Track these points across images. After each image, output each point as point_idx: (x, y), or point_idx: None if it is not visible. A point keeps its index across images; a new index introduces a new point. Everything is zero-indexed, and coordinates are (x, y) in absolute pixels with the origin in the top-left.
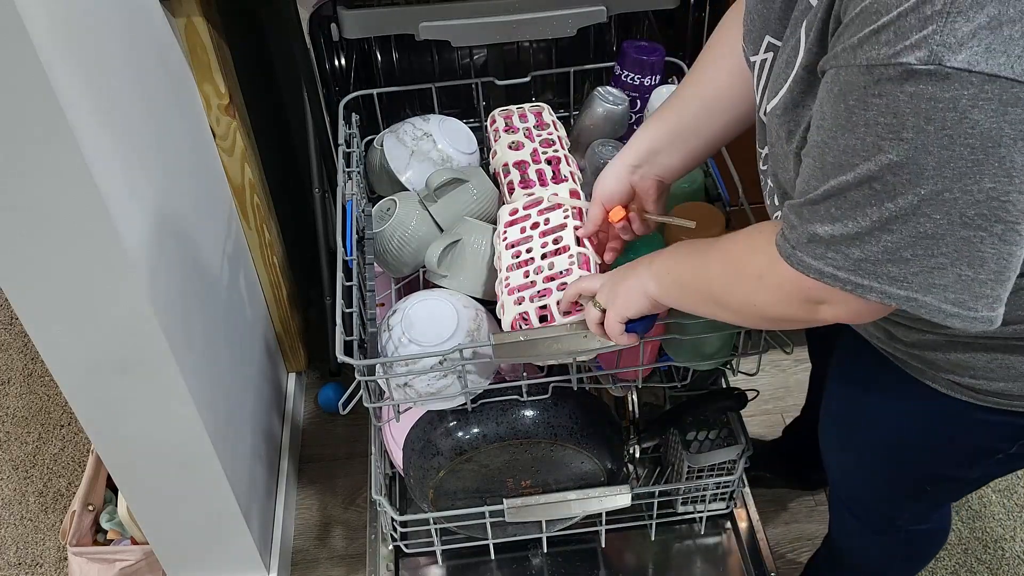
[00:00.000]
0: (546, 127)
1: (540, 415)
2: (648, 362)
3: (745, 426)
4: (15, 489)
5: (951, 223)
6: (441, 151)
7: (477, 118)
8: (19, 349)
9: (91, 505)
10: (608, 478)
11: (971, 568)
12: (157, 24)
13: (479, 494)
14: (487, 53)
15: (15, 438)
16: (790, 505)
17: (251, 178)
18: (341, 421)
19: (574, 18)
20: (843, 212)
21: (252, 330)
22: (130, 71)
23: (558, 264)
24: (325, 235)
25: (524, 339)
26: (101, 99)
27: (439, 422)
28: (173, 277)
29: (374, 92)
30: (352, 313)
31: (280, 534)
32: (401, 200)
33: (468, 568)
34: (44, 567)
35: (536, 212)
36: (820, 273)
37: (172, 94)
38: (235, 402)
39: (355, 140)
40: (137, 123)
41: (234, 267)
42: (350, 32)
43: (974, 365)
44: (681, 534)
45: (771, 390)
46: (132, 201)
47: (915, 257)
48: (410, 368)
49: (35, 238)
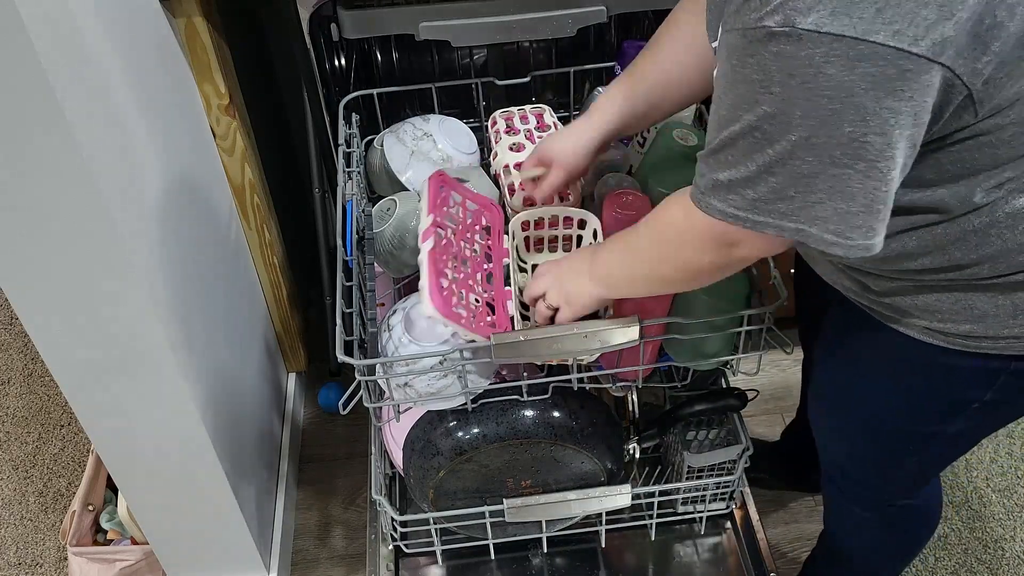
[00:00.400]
0: (547, 129)
1: (540, 415)
2: (648, 362)
3: (745, 426)
4: (15, 489)
5: (822, 163)
6: (441, 151)
7: (477, 118)
8: (19, 349)
9: (91, 505)
10: (608, 478)
11: (971, 568)
12: (157, 24)
13: (479, 494)
14: (487, 53)
15: (15, 438)
16: (790, 505)
17: (251, 178)
18: (341, 421)
19: (574, 18)
20: (736, 159)
21: (252, 330)
22: (130, 71)
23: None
24: (325, 235)
25: (524, 339)
26: (101, 99)
27: (439, 422)
28: (173, 277)
29: (374, 92)
30: (352, 313)
31: (280, 534)
32: (401, 200)
33: (468, 568)
34: (44, 567)
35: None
36: (725, 214)
37: (172, 94)
38: (235, 402)
39: (355, 140)
40: (136, 123)
41: (234, 267)
42: (350, 32)
43: (941, 308)
44: (681, 534)
45: (771, 390)
46: (132, 201)
47: (797, 194)
48: (410, 368)
49: (35, 238)
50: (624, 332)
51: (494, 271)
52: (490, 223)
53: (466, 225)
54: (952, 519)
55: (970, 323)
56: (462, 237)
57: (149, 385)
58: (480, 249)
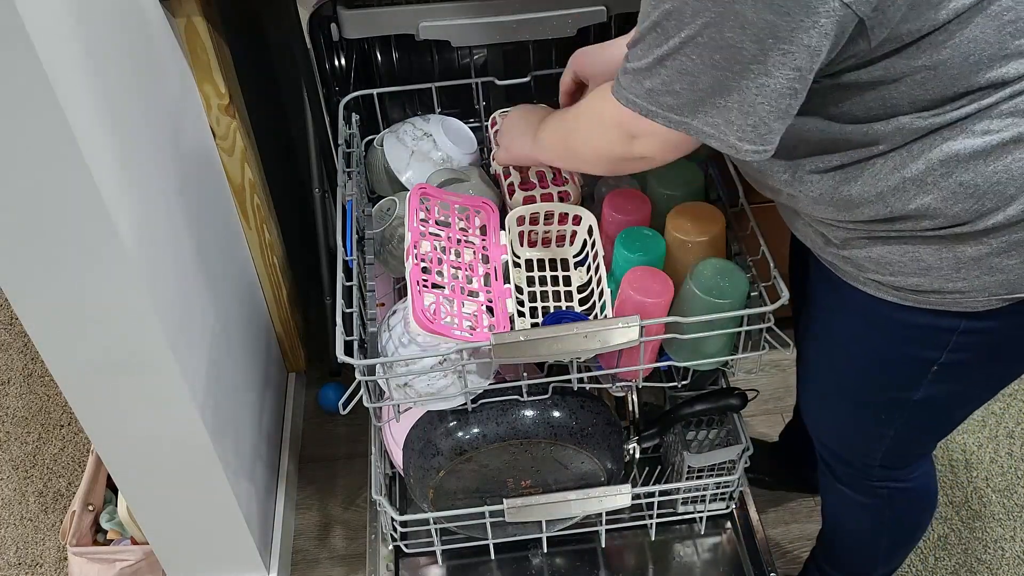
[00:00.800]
0: None
1: (540, 415)
2: (648, 362)
3: (745, 426)
4: (15, 489)
5: (704, 64)
6: (441, 151)
7: (477, 118)
8: (19, 349)
9: (91, 505)
10: (608, 478)
11: (971, 568)
12: (157, 24)
13: (479, 494)
14: (487, 53)
15: (15, 438)
16: (790, 505)
17: (251, 178)
18: (341, 421)
19: (574, 18)
20: (643, 51)
21: (252, 330)
22: (130, 71)
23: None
24: (325, 235)
25: (524, 339)
26: (101, 99)
27: (439, 422)
28: (173, 277)
29: (374, 92)
30: (352, 313)
31: (280, 534)
32: (401, 200)
33: (468, 568)
34: (44, 567)
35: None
36: (626, 99)
37: (172, 94)
38: (235, 402)
39: (355, 140)
40: (137, 123)
41: (234, 267)
42: (350, 32)
43: (891, 260)
44: (681, 534)
45: (771, 390)
46: (132, 201)
47: (683, 90)
48: (410, 368)
49: (35, 238)
50: (624, 332)
51: (491, 270)
52: (484, 222)
53: (459, 230)
54: (952, 519)
55: (917, 276)
56: (454, 243)
57: (149, 385)
58: (476, 251)
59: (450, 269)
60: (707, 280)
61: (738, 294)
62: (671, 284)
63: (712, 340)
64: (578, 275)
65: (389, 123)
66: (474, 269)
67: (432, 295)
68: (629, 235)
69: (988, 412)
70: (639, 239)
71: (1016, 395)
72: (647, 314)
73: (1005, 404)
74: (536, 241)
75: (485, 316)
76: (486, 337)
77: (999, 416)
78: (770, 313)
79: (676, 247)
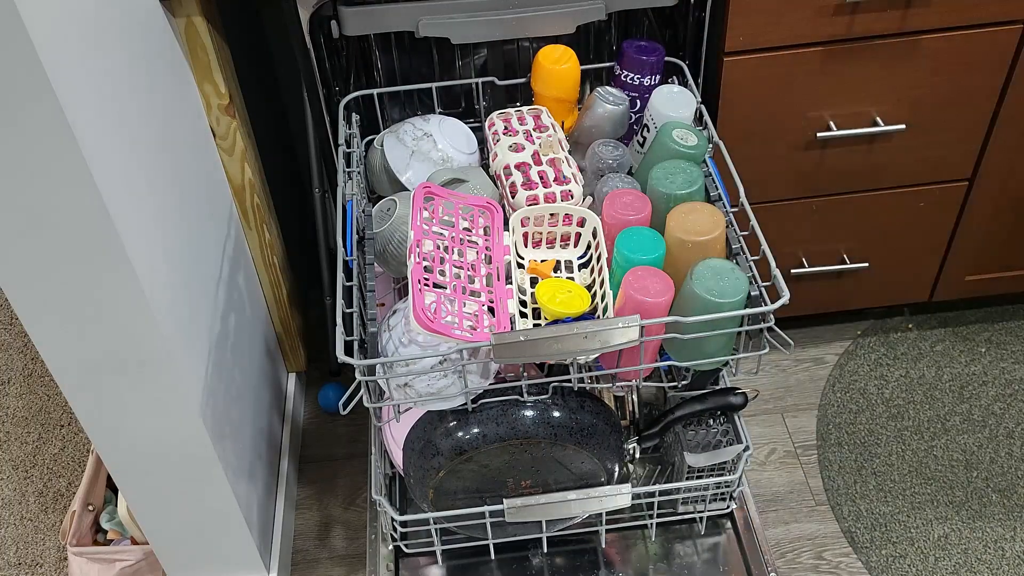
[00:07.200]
0: (545, 129)
1: (540, 415)
2: (648, 362)
3: (745, 426)
4: (15, 489)
5: None
6: (441, 151)
7: (477, 118)
8: (19, 349)
9: (91, 505)
10: (608, 478)
11: (971, 568)
12: (157, 24)
13: (479, 494)
14: (487, 53)
15: (15, 438)
16: (790, 505)
17: (251, 178)
18: (341, 421)
19: (574, 15)
20: None
21: (252, 330)
22: (130, 71)
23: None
24: (325, 235)
25: (524, 339)
26: (101, 99)
27: (439, 422)
28: (173, 277)
29: (374, 92)
30: (352, 313)
31: (280, 534)
32: (401, 200)
33: (468, 568)
34: (44, 567)
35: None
36: None
37: (172, 94)
38: (235, 402)
39: (355, 140)
40: (137, 123)
41: (234, 267)
42: (350, 29)
43: None
44: (681, 534)
45: (771, 390)
46: (132, 201)
47: None
48: (410, 368)
49: (35, 238)
50: (624, 332)
51: (493, 271)
52: (488, 223)
53: (463, 230)
54: (952, 519)
55: None
56: (457, 243)
57: (149, 385)
58: (479, 252)
59: (452, 269)
60: (707, 280)
61: (738, 294)
62: (671, 284)
63: (712, 340)
64: (581, 277)
65: (389, 123)
66: (476, 269)
67: (433, 294)
68: (629, 235)
69: (988, 412)
70: (639, 239)
71: (1016, 395)
72: (647, 314)
73: (1005, 404)
74: (540, 241)
75: (486, 316)
76: (486, 337)
77: (999, 416)
78: (770, 313)
79: (676, 247)
